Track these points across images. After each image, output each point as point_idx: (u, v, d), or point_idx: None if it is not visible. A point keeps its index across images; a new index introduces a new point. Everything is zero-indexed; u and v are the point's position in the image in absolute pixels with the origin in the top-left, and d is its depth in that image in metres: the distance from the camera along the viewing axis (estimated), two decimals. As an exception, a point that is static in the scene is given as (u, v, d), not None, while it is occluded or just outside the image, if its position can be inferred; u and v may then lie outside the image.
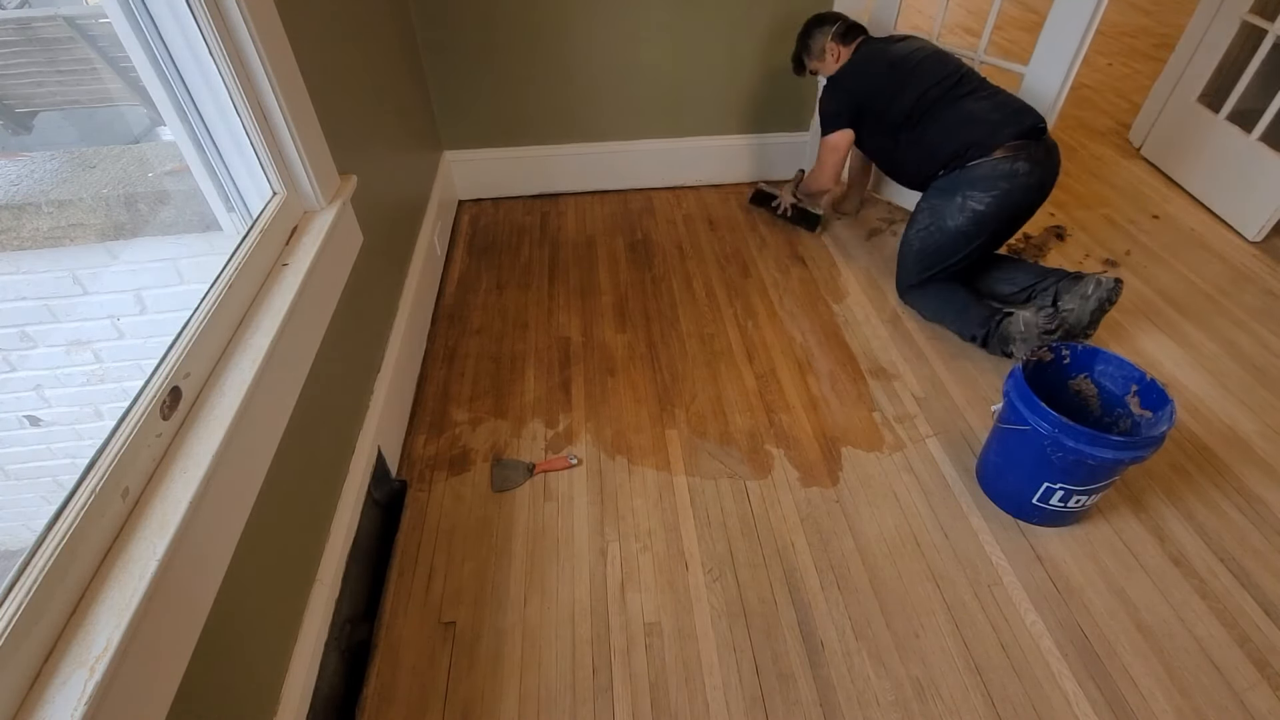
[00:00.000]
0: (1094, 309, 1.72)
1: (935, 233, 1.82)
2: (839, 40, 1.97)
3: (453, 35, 2.12)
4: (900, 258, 1.97)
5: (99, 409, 1.54)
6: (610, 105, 2.36)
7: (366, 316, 1.43)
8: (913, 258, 1.90)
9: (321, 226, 1.15)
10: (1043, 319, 1.68)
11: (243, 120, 1.02)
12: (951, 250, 1.82)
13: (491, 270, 2.16)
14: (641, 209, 2.46)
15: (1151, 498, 1.46)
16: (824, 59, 2.00)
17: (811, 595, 1.29)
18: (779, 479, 1.50)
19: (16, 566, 0.61)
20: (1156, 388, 1.34)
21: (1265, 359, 1.81)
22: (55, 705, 0.58)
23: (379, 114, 1.63)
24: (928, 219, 1.84)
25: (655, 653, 1.20)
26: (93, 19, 1.36)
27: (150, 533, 0.71)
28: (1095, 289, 1.71)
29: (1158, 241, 2.27)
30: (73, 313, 1.40)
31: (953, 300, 1.87)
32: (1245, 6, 2.28)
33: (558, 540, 1.38)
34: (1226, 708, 1.13)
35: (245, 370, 0.89)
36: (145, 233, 1.35)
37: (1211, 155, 2.42)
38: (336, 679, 1.13)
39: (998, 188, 1.71)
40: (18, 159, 1.38)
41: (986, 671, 1.18)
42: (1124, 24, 4.21)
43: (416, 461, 1.54)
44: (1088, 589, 1.30)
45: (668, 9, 2.17)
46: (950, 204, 1.77)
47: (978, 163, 1.72)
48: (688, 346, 1.86)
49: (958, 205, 1.76)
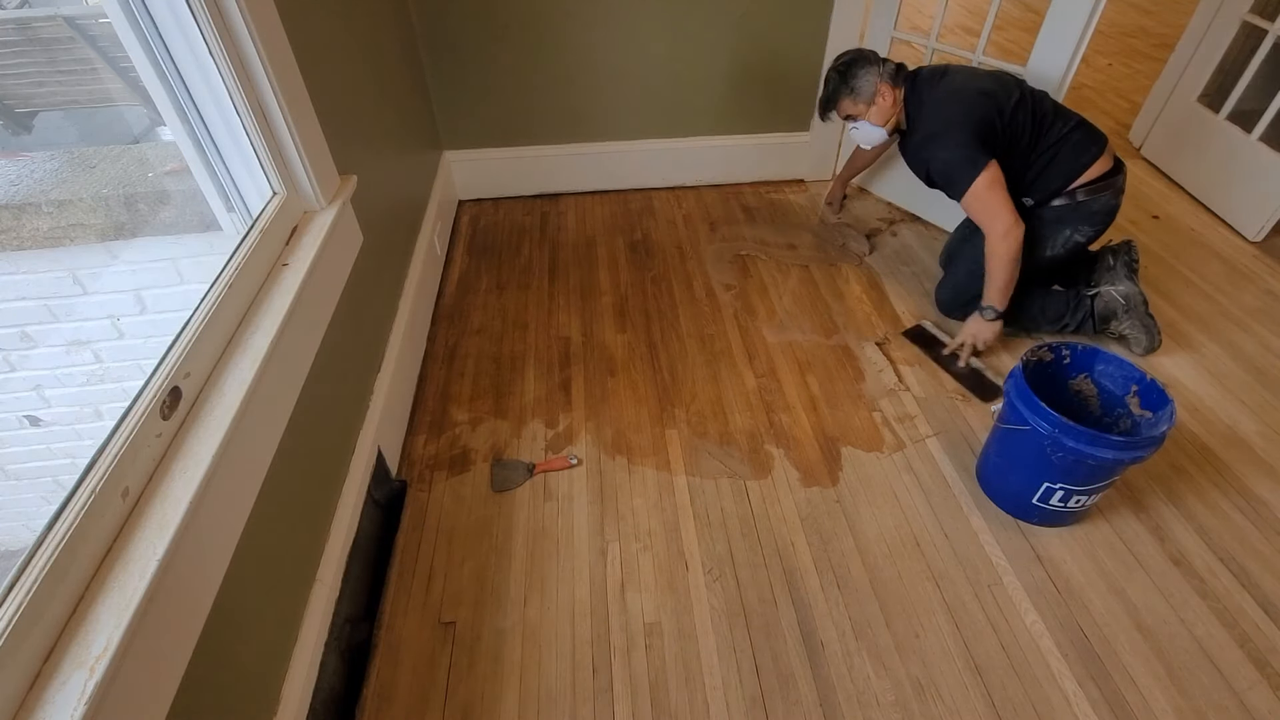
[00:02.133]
0: (1126, 273, 1.78)
1: (1025, 261, 1.69)
2: (891, 82, 1.73)
3: (453, 35, 2.12)
4: (959, 281, 1.86)
5: (99, 409, 1.54)
6: (610, 105, 2.36)
7: (366, 316, 1.43)
8: (982, 283, 1.75)
9: (321, 226, 1.15)
10: (1132, 286, 1.73)
11: (243, 120, 1.02)
12: (1029, 274, 1.73)
13: (491, 270, 2.16)
14: (641, 209, 2.46)
15: (1151, 498, 1.46)
16: (873, 104, 1.74)
17: (811, 595, 1.29)
18: (779, 479, 1.50)
19: (16, 566, 0.61)
20: (1156, 388, 1.34)
21: (1265, 359, 1.81)
22: (55, 705, 0.58)
23: (379, 114, 1.63)
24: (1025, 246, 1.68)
25: (655, 653, 1.20)
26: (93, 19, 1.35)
27: (150, 533, 0.71)
28: (1114, 256, 1.81)
29: (1158, 241, 2.27)
30: (73, 313, 1.40)
31: (1023, 299, 1.79)
32: (1245, 6, 2.28)
33: (558, 540, 1.38)
34: (1226, 708, 1.13)
35: (245, 370, 0.89)
36: (145, 233, 1.35)
37: (1211, 155, 2.42)
38: (336, 679, 1.13)
39: (1104, 223, 1.70)
40: (18, 159, 1.38)
41: (986, 671, 1.18)
42: (1124, 24, 4.20)
43: (416, 461, 1.54)
44: (1088, 589, 1.30)
45: (668, 9, 2.17)
46: (1057, 236, 1.71)
47: (1093, 197, 1.66)
48: (688, 347, 1.86)
49: (1064, 238, 1.71)
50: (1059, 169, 1.68)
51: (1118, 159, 1.71)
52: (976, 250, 1.77)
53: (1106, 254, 1.84)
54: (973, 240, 1.85)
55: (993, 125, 1.63)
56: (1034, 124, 1.68)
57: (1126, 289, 1.78)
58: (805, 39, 2.29)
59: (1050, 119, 1.69)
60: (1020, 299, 1.84)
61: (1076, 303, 1.82)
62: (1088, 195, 1.67)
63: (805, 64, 2.35)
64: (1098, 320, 1.81)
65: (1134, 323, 1.78)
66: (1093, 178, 1.67)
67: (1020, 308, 1.84)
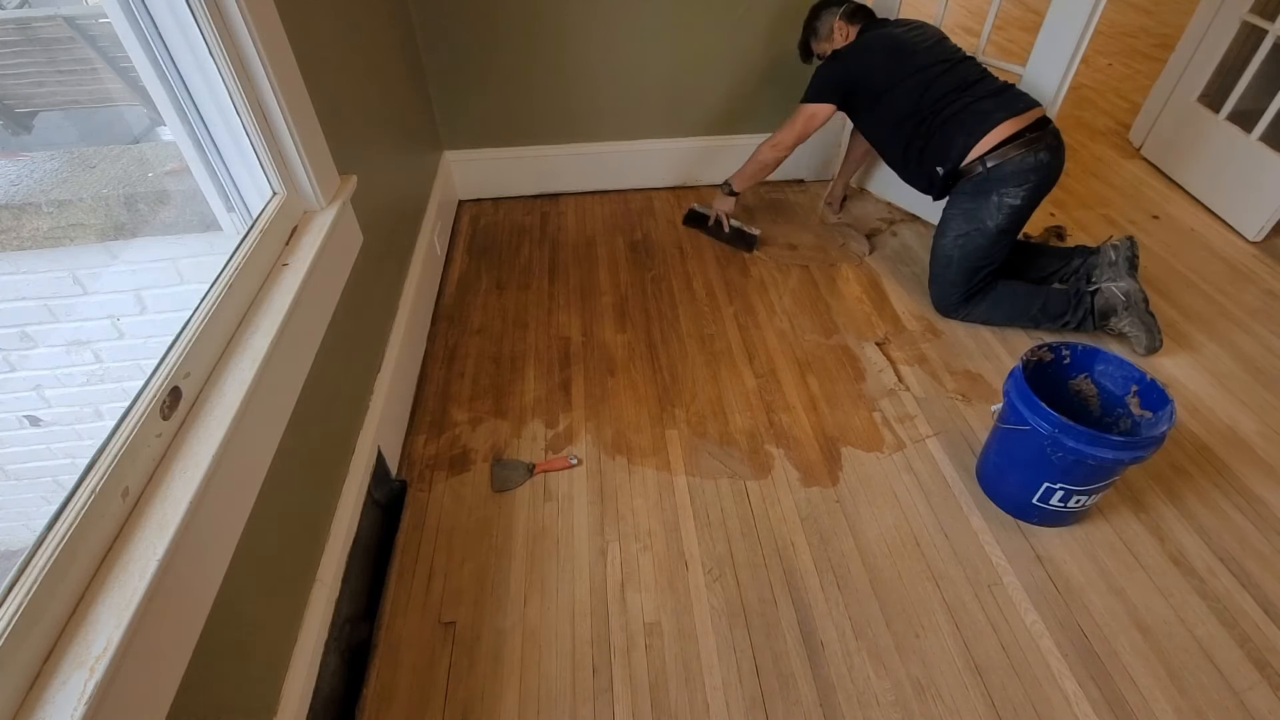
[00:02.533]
0: (1128, 270, 1.81)
1: (976, 236, 1.79)
2: (846, 19, 1.96)
3: (453, 35, 2.12)
4: (938, 276, 1.91)
5: (99, 409, 1.54)
6: (610, 105, 2.36)
7: (366, 316, 1.43)
8: (955, 269, 1.85)
9: (321, 226, 1.15)
10: (1133, 283, 1.75)
11: (243, 120, 1.02)
12: (991, 250, 1.81)
13: (491, 270, 2.16)
14: (641, 209, 2.46)
15: (1151, 498, 1.46)
16: (831, 38, 1.99)
17: (811, 595, 1.29)
18: (779, 479, 1.50)
19: (16, 566, 0.61)
20: (1156, 388, 1.34)
21: (1265, 359, 1.81)
22: (55, 705, 0.58)
23: (379, 114, 1.63)
24: (964, 224, 1.80)
25: (655, 653, 1.20)
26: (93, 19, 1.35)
27: (150, 533, 0.71)
28: (1116, 252, 1.82)
29: (1158, 242, 2.27)
30: (73, 313, 1.40)
31: (1019, 297, 1.86)
32: (1245, 6, 2.28)
33: (558, 540, 1.38)
34: (1226, 708, 1.13)
35: (245, 370, 0.89)
36: (145, 233, 1.35)
37: (1211, 155, 2.42)
38: (336, 679, 1.13)
39: (1030, 180, 1.71)
40: (18, 159, 1.38)
41: (986, 671, 1.18)
42: (1124, 24, 4.21)
43: (416, 461, 1.54)
44: (1088, 589, 1.30)
45: (668, 9, 2.17)
46: (986, 204, 1.75)
47: (1001, 161, 1.71)
48: (688, 346, 1.86)
49: (995, 204, 1.74)
50: (960, 136, 1.75)
51: (1041, 119, 1.73)
52: (935, 246, 1.91)
53: (1109, 249, 1.84)
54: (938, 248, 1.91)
55: (868, 80, 1.86)
56: (951, 90, 1.77)
57: (1127, 285, 1.79)
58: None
59: (966, 86, 1.77)
60: (1020, 297, 1.85)
61: (1077, 299, 1.83)
62: (998, 160, 1.71)
63: (805, 64, 2.35)
64: (1097, 316, 1.81)
65: (1133, 320, 1.78)
66: (997, 141, 1.70)
67: (1021, 306, 1.86)
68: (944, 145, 1.77)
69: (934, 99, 1.78)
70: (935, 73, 1.79)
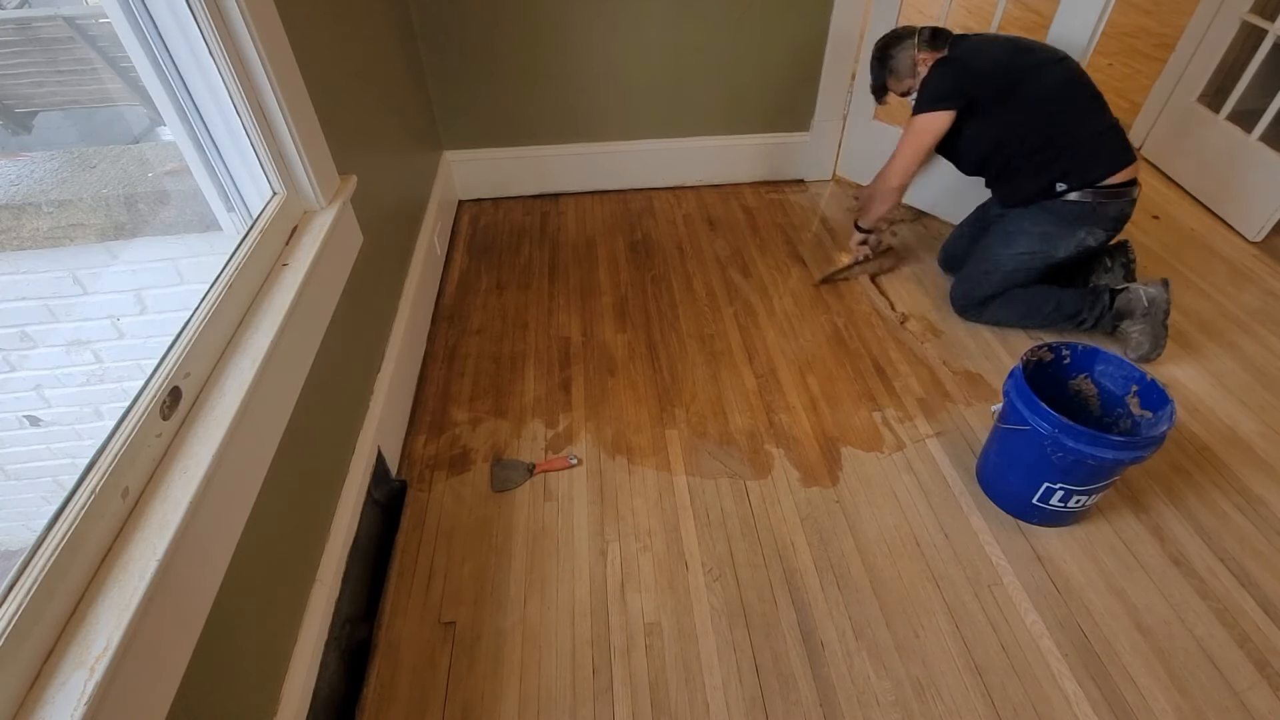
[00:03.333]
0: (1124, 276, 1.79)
1: (1039, 258, 1.76)
2: (928, 47, 1.78)
3: (453, 35, 2.12)
4: (974, 276, 1.87)
5: (99, 409, 1.54)
6: (610, 105, 2.36)
7: (366, 316, 1.43)
8: (999, 278, 1.81)
9: (321, 226, 1.15)
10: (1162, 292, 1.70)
11: (243, 120, 1.02)
12: (1039, 274, 1.78)
13: (491, 270, 2.16)
14: (641, 209, 2.46)
15: (1151, 498, 1.46)
16: (915, 72, 1.81)
17: (811, 595, 1.29)
18: (779, 479, 1.50)
19: (16, 566, 0.61)
20: (1156, 388, 1.34)
21: (1266, 359, 1.81)
22: (55, 705, 0.58)
23: (379, 114, 1.63)
24: (1037, 244, 1.74)
25: (655, 653, 1.20)
26: (93, 19, 1.36)
27: (150, 533, 0.71)
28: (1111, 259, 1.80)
29: (1158, 242, 2.27)
30: (73, 313, 1.40)
31: (1036, 296, 1.82)
32: (1245, 6, 2.28)
33: (558, 540, 1.38)
34: (1226, 708, 1.13)
35: (245, 370, 0.89)
36: (145, 233, 1.35)
37: (1212, 155, 2.42)
38: (336, 679, 1.13)
39: (1114, 230, 1.69)
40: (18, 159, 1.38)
41: (986, 671, 1.18)
42: (1124, 24, 4.20)
43: (416, 461, 1.54)
44: (1088, 589, 1.30)
45: (668, 8, 2.17)
46: (1069, 236, 1.71)
47: (1109, 201, 1.66)
48: (688, 346, 1.86)
49: (1076, 239, 1.71)
50: (1104, 160, 1.67)
51: None
52: (988, 250, 1.84)
53: (1104, 254, 1.84)
54: (985, 241, 1.87)
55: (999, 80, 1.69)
56: (1088, 100, 1.68)
57: (1156, 293, 1.72)
58: (805, 39, 2.29)
59: (1097, 105, 1.69)
60: (1033, 297, 1.84)
61: (1094, 298, 1.78)
62: (1108, 198, 1.67)
63: (805, 64, 2.35)
64: (1114, 316, 1.77)
65: (1145, 327, 1.73)
66: (1121, 180, 1.67)
67: (1034, 306, 1.84)
68: (1083, 163, 1.68)
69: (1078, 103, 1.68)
70: (1058, 73, 1.68)
